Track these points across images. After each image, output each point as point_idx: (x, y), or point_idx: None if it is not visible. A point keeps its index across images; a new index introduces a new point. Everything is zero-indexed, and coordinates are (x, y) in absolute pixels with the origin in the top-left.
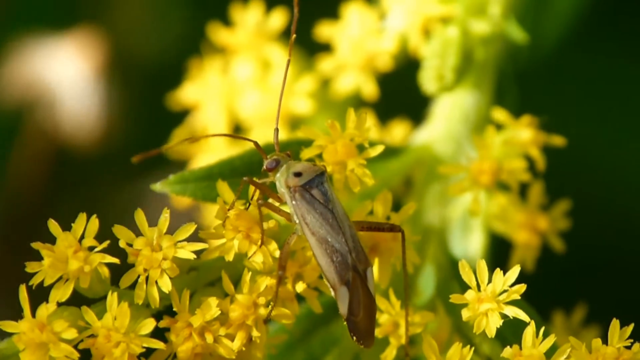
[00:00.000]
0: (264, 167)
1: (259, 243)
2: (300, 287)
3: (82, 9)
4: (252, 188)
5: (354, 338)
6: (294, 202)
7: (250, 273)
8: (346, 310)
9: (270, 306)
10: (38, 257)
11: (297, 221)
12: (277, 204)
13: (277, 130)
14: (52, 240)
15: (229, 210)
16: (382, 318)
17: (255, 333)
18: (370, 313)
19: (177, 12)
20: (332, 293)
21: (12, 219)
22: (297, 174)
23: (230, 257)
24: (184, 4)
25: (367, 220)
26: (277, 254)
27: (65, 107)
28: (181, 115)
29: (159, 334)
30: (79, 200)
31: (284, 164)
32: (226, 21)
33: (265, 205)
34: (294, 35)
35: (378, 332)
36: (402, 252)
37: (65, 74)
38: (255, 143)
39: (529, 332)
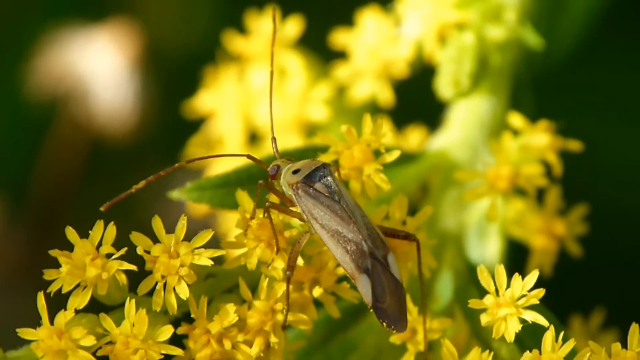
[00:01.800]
0: (269, 176)
1: (275, 249)
2: (317, 292)
3: (112, 1)
4: (265, 193)
5: (385, 324)
6: (299, 199)
7: (267, 279)
8: (370, 298)
9: (284, 310)
10: (64, 248)
11: (306, 218)
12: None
13: (274, 139)
14: (80, 232)
15: (250, 219)
16: None
17: (273, 339)
18: (398, 298)
19: (205, 4)
20: (354, 283)
21: (44, 209)
22: (296, 171)
23: (253, 266)
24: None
25: (384, 226)
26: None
27: (99, 99)
28: None
29: (177, 340)
30: (109, 191)
31: (284, 167)
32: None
33: (274, 206)
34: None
35: (396, 339)
36: (418, 261)
37: (100, 65)
38: (248, 156)
39: (549, 336)
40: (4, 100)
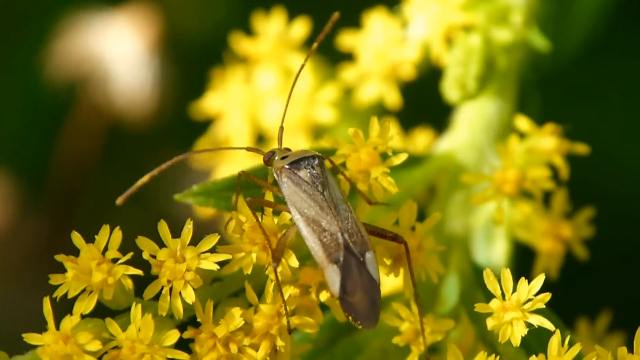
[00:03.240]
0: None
1: (269, 251)
2: (324, 296)
3: None
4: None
5: (350, 318)
6: (282, 185)
7: (273, 283)
8: (338, 290)
9: (285, 315)
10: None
11: (288, 204)
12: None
13: (281, 128)
14: (98, 220)
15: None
16: (404, 326)
17: (279, 342)
18: (371, 296)
19: None
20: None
21: (62, 195)
22: (284, 157)
23: (248, 271)
24: None
25: (373, 225)
26: (296, 264)
27: (118, 83)
28: None
29: (183, 345)
30: (127, 176)
31: (278, 155)
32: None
33: (255, 201)
34: (315, 45)
35: (400, 340)
36: (408, 264)
37: (119, 49)
38: (248, 148)
39: (555, 341)
40: (23, 85)
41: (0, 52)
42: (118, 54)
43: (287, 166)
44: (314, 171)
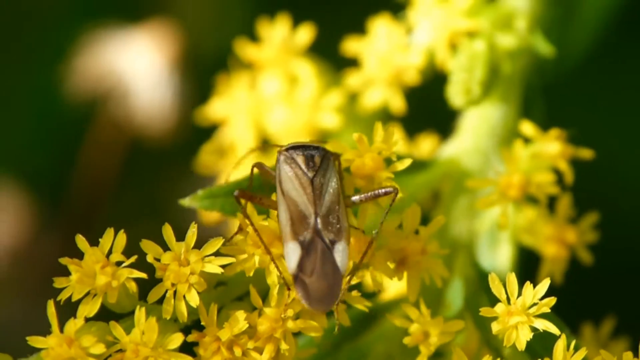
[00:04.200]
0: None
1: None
2: None
3: (147, 2)
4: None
5: (299, 295)
6: (277, 166)
7: (277, 286)
8: (294, 266)
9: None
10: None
11: (276, 185)
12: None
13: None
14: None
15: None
16: (413, 327)
17: (283, 346)
18: (330, 284)
19: (238, 6)
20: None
21: (80, 212)
22: (290, 144)
23: (250, 273)
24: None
25: (365, 194)
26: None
27: (138, 99)
28: None
29: (187, 348)
30: (144, 193)
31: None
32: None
33: (243, 195)
34: None
35: (408, 341)
36: (388, 209)
37: (139, 65)
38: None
39: (560, 345)
40: (42, 101)
41: (19, 67)
42: (138, 70)
43: (286, 150)
44: (312, 159)
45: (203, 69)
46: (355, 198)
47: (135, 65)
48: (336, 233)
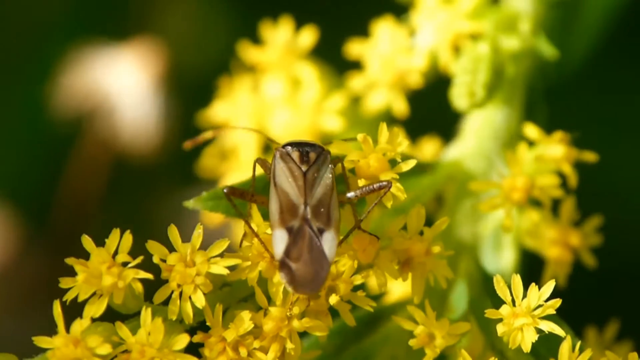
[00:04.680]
0: None
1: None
2: (333, 299)
3: (132, 20)
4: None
5: (285, 280)
6: (273, 161)
7: (282, 286)
8: (281, 252)
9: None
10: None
11: (270, 180)
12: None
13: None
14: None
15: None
16: (418, 329)
17: (289, 345)
18: (316, 270)
19: (223, 22)
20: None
21: (64, 229)
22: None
23: (254, 283)
24: (231, 14)
25: (359, 187)
26: None
27: (124, 116)
28: None
29: (193, 349)
30: (129, 211)
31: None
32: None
33: (233, 192)
34: None
35: (414, 343)
36: (377, 200)
37: (124, 83)
38: (269, 139)
39: (565, 346)
40: (27, 119)
41: (5, 84)
42: (123, 88)
43: (282, 147)
44: (307, 155)
45: (186, 86)
46: (351, 194)
47: (121, 82)
48: (325, 222)
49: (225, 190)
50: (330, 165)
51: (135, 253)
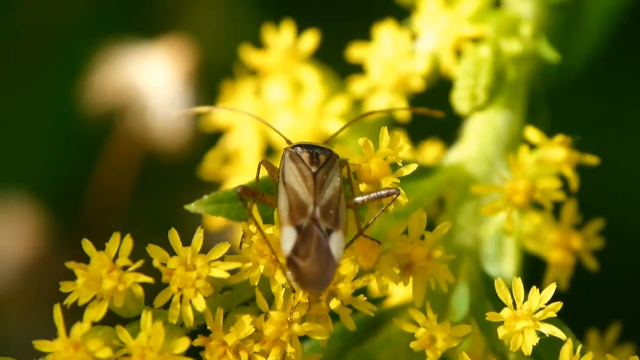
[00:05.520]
0: None
1: (274, 257)
2: (334, 304)
3: (161, 18)
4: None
5: (292, 278)
6: (282, 161)
7: (284, 289)
8: (289, 249)
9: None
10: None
11: (279, 180)
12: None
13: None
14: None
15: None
16: (419, 332)
17: (290, 349)
18: (322, 269)
19: (252, 19)
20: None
21: (94, 222)
22: (297, 142)
23: (256, 282)
24: (259, 12)
25: (366, 194)
26: None
27: (154, 113)
28: None
29: (193, 352)
30: (159, 208)
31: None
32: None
33: (246, 192)
34: None
35: (415, 345)
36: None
37: (155, 80)
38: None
39: (566, 349)
40: (58, 116)
41: (36, 82)
42: (153, 85)
43: (292, 147)
44: (317, 156)
45: (215, 83)
46: (359, 199)
47: (151, 80)
48: (333, 223)
49: (238, 190)
50: (338, 169)
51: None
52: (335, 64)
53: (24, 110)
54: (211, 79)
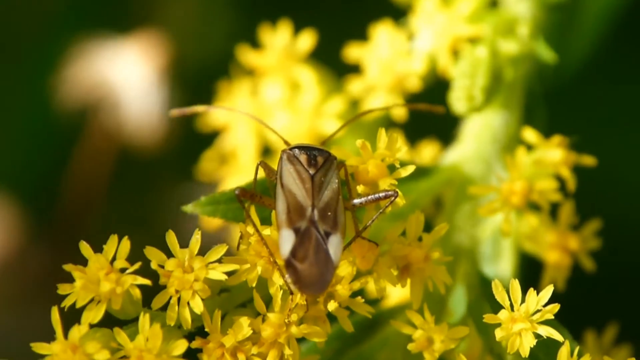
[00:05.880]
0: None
1: (271, 258)
2: (332, 306)
3: (135, 13)
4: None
5: (290, 280)
6: (279, 163)
7: (281, 292)
8: (287, 252)
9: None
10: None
11: (276, 182)
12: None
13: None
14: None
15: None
16: (417, 333)
17: (287, 351)
18: (321, 271)
19: (224, 14)
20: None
21: (69, 222)
22: (295, 144)
23: (254, 284)
24: (234, 6)
25: (364, 195)
26: None
27: (128, 108)
28: None
29: (191, 354)
30: (134, 203)
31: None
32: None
33: (244, 194)
34: None
35: (413, 347)
36: (382, 210)
37: (129, 75)
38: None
39: (564, 351)
40: (31, 111)
41: (9, 77)
42: (127, 80)
43: (290, 150)
44: (314, 158)
45: (188, 78)
46: (357, 201)
47: (125, 75)
48: (332, 225)
49: (237, 192)
50: (336, 171)
51: (139, 248)
52: (332, 63)
53: None
54: (185, 75)
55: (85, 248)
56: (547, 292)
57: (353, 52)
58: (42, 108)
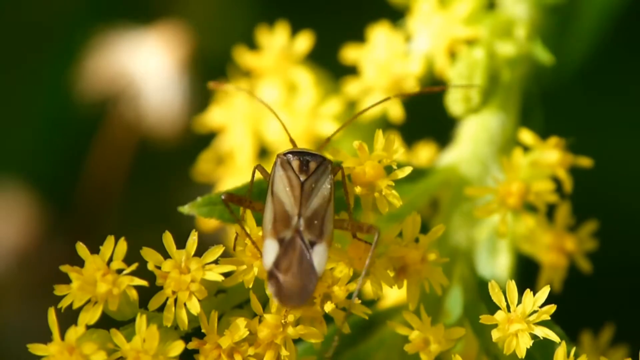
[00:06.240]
0: None
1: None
2: (328, 307)
3: (156, 4)
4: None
5: (271, 291)
6: (273, 168)
7: None
8: (270, 263)
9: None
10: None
11: (269, 188)
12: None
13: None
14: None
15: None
16: (413, 334)
17: (284, 352)
18: (304, 283)
19: (246, 7)
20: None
21: (87, 215)
22: (290, 149)
23: (250, 285)
24: (252, 2)
25: (349, 220)
26: None
27: (149, 100)
28: None
29: (188, 355)
30: (153, 195)
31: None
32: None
33: (230, 198)
34: None
35: (409, 348)
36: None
37: (150, 67)
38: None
39: (560, 352)
40: (52, 102)
41: (31, 69)
42: (148, 72)
43: (284, 154)
44: (307, 164)
45: (210, 70)
46: (342, 221)
47: (146, 66)
48: (318, 235)
49: (222, 197)
50: (330, 176)
51: (156, 239)
52: (329, 65)
53: (17, 97)
54: (206, 66)
55: (81, 249)
56: (544, 293)
57: (350, 53)
58: (63, 99)
